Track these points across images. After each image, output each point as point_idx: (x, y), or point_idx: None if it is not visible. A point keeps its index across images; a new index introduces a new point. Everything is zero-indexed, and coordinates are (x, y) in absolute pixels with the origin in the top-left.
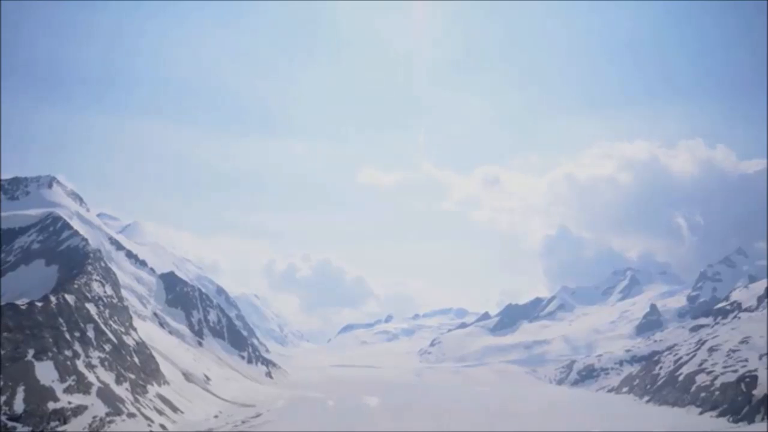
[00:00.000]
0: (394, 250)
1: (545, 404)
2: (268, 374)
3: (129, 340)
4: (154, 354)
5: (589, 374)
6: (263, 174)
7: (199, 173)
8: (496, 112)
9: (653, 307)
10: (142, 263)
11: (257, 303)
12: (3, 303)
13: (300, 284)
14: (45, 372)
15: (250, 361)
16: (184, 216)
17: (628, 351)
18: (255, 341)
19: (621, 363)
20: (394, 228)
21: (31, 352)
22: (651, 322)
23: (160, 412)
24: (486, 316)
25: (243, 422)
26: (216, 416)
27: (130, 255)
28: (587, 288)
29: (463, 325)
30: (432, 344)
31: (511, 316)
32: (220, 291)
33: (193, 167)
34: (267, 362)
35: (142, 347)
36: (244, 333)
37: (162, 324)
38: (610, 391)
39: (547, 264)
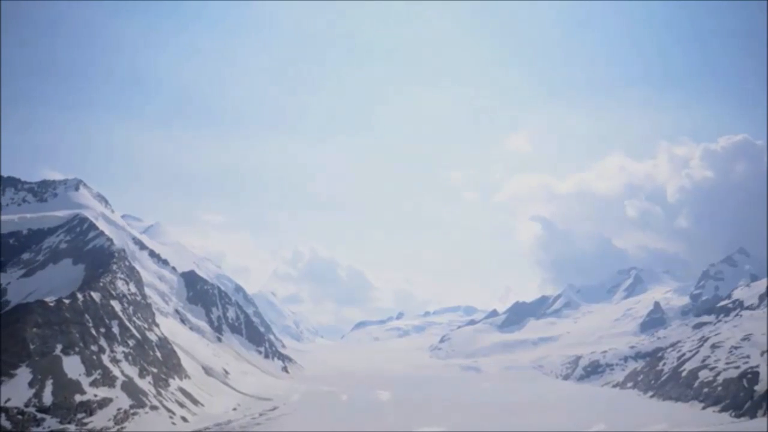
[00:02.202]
0: (389, 247)
1: (552, 398)
2: (284, 369)
3: (152, 336)
4: (176, 349)
5: (594, 370)
6: (256, 173)
7: (188, 172)
8: (477, 111)
9: (657, 305)
10: (164, 262)
11: (274, 300)
12: (32, 300)
13: (297, 280)
14: (72, 366)
15: (267, 356)
16: (182, 215)
17: (632, 347)
18: (272, 337)
19: (625, 359)
20: (388, 226)
21: (59, 347)
22: (655, 320)
23: (182, 405)
24: (494, 313)
25: (260, 415)
26: (234, 409)
27: (152, 254)
28: (592, 286)
29: (472, 322)
30: (442, 340)
31: (519, 314)
32: (238, 289)
33: (182, 167)
34: (283, 357)
35: (164, 343)
36: (261, 329)
37: (183, 320)
38: (615, 386)
39: (546, 262)
